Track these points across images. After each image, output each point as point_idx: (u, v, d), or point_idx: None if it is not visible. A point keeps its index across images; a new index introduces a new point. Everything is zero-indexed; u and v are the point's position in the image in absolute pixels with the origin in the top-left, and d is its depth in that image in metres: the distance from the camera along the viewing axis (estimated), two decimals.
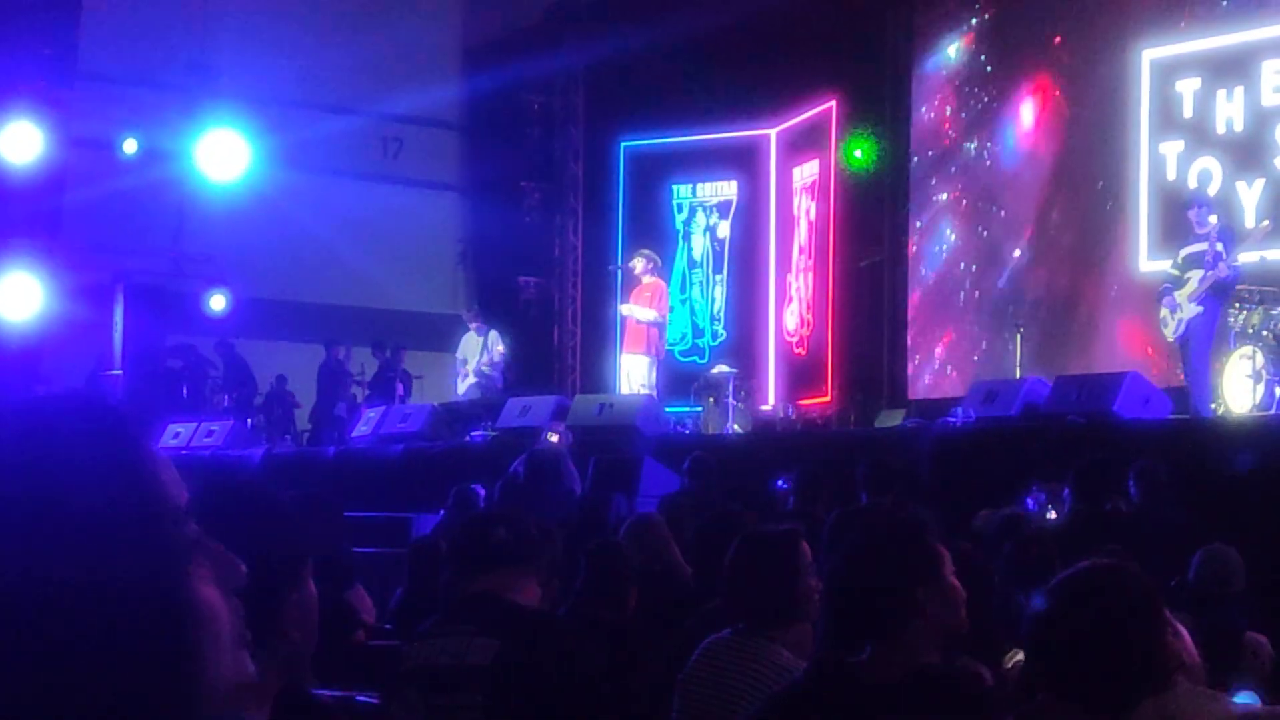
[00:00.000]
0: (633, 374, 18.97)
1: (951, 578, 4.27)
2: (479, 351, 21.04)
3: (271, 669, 2.62)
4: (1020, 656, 5.42)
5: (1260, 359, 14.41)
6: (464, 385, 21.12)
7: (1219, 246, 14.45)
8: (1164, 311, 14.80)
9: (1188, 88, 18.78)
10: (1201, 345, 14.48)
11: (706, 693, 5.31)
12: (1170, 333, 14.75)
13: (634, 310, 18.96)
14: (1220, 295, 14.52)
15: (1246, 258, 14.86)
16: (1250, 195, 17.90)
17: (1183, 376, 15.14)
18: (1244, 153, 18.16)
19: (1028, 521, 9.50)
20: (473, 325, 21.36)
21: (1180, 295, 14.54)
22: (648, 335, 18.99)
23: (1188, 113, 18.78)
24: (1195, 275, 14.49)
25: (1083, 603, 3.45)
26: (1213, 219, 14.77)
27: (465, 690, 4.58)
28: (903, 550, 4.26)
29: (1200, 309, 14.40)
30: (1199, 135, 18.62)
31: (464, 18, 27.78)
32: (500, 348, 21.17)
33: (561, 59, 25.82)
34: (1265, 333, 14.64)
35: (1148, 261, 18.87)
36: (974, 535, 8.96)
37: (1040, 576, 7.41)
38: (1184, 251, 14.86)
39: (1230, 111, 18.37)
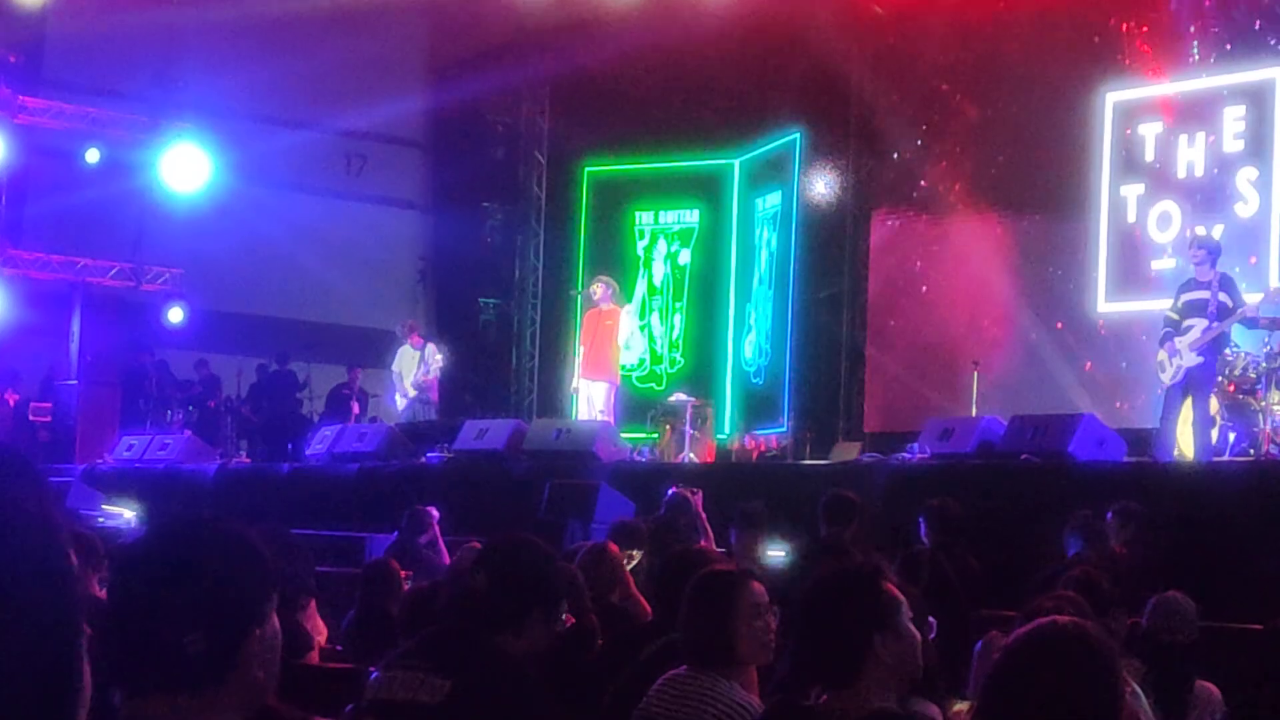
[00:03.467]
0: (593, 399, 18.95)
1: (908, 623, 4.29)
2: (415, 366, 20.90)
3: (235, 705, 2.62)
4: (960, 706, 5.43)
5: (1215, 404, 14.49)
6: (402, 404, 21.01)
7: (1222, 296, 14.31)
8: (1162, 355, 14.60)
9: (1150, 131, 18.91)
10: (1201, 396, 14.35)
11: None
12: (1168, 377, 14.56)
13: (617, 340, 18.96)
14: (1218, 347, 14.48)
15: None
16: None
17: (1159, 420, 15.04)
18: (1204, 197, 18.28)
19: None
20: (409, 339, 21.17)
21: (1181, 342, 14.41)
22: (609, 363, 18.98)
23: (1149, 156, 18.90)
24: (1198, 324, 14.30)
25: (1042, 661, 3.45)
26: (1210, 274, 14.60)
27: None
28: (860, 596, 4.27)
29: (1200, 359, 14.27)
30: (1160, 179, 18.74)
31: (430, 37, 27.75)
32: (439, 358, 20.98)
33: (527, 80, 25.83)
34: (1220, 378, 14.72)
35: (1105, 303, 18.98)
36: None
37: None
38: (1185, 297, 14.66)
39: (1191, 156, 18.49)
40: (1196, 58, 18.65)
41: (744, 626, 5.31)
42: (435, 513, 13.03)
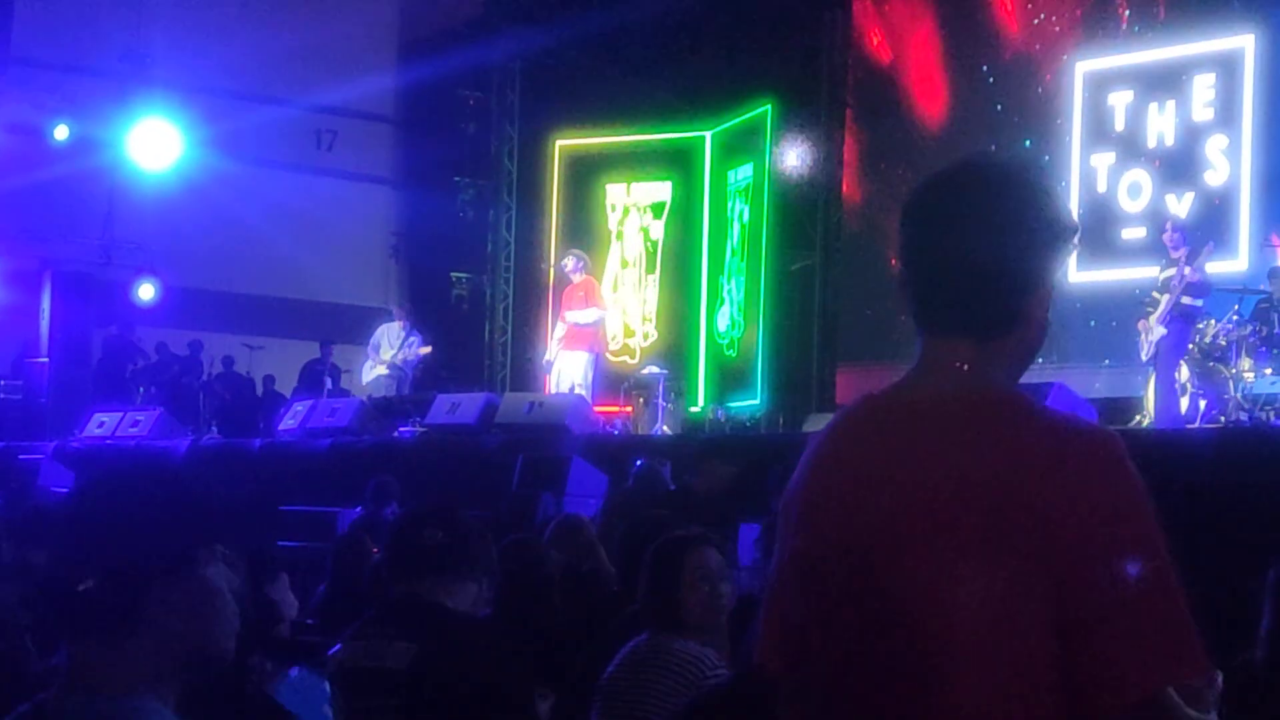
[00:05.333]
0: (569, 372, 18.91)
1: None
2: (398, 343, 20.87)
3: (154, 656, 2.55)
4: None
5: (1185, 372, 14.62)
6: (371, 373, 20.96)
7: (1186, 271, 14.82)
8: (1141, 333, 15.20)
9: (1120, 100, 18.92)
10: (1166, 366, 14.80)
11: (626, 695, 5.31)
12: (1144, 354, 15.17)
13: (576, 316, 18.94)
14: (1185, 318, 14.87)
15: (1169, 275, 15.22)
16: (1180, 209, 18.07)
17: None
18: (1174, 166, 18.32)
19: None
20: (400, 320, 21.20)
21: (1153, 318, 14.98)
22: (589, 333, 18.97)
23: (1119, 125, 18.92)
24: (1164, 299, 15.07)
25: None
26: (1180, 250, 15.10)
27: (382, 693, 4.58)
28: None
29: (1164, 331, 14.85)
30: (1130, 148, 18.76)
31: (400, 10, 27.66)
32: (423, 351, 21.02)
33: (498, 54, 25.73)
34: (1190, 346, 14.85)
35: (1076, 273, 18.98)
36: None
37: None
38: (1162, 275, 15.39)
39: (1161, 125, 18.52)
40: (1163, 23, 18.68)
41: (691, 592, 5.35)
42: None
